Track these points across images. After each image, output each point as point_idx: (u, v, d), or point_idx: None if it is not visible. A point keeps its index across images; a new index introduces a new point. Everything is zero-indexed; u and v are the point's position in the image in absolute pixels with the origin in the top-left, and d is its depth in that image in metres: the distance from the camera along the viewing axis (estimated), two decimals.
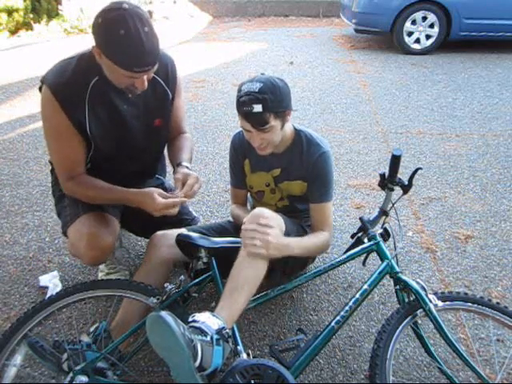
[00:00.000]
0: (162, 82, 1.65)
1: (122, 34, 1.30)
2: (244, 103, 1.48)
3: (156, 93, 1.65)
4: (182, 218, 1.96)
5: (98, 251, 1.60)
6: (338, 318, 1.41)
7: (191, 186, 1.52)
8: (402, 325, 1.39)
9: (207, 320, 1.19)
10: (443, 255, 2.17)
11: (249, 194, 1.95)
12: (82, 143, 1.58)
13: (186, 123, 1.87)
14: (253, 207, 1.95)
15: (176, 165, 1.65)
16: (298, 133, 1.72)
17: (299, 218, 1.81)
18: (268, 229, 1.37)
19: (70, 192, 1.63)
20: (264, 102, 1.46)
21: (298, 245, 1.52)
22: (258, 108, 1.46)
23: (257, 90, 1.47)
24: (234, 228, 1.85)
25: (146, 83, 1.45)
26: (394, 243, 1.63)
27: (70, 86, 1.48)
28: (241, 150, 1.80)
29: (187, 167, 1.62)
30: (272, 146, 1.62)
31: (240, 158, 1.82)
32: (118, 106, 1.57)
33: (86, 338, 1.44)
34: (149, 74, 1.45)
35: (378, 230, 1.68)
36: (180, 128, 1.82)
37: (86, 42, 6.82)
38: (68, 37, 7.36)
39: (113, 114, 1.58)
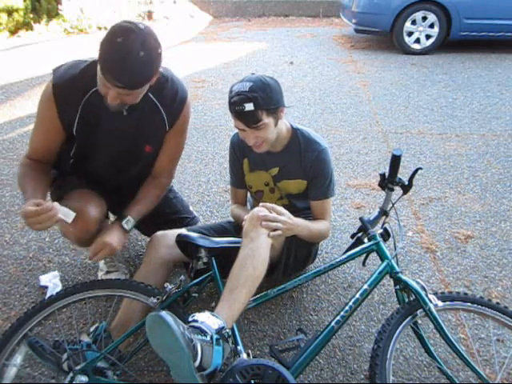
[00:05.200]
0: (161, 110, 1.61)
1: (118, 42, 1.31)
2: (235, 103, 1.51)
3: (153, 118, 1.62)
4: (182, 217, 1.96)
5: (83, 224, 1.57)
6: (337, 318, 1.41)
7: (96, 252, 1.51)
8: (402, 325, 1.39)
9: (207, 320, 1.19)
10: (443, 255, 2.17)
11: (249, 194, 1.96)
12: (60, 140, 1.61)
13: (175, 168, 1.80)
14: (252, 207, 1.95)
15: (122, 215, 1.61)
16: (294, 131, 1.73)
17: (298, 217, 1.81)
18: (280, 209, 1.51)
19: (20, 168, 1.62)
20: (255, 100, 1.48)
21: (306, 226, 1.64)
22: (249, 106, 1.48)
23: (247, 89, 1.49)
24: (234, 228, 1.85)
25: (116, 101, 1.42)
26: (394, 243, 1.63)
27: (69, 87, 1.50)
28: (240, 150, 1.81)
29: (126, 230, 1.59)
30: (267, 143, 1.63)
31: (239, 158, 1.83)
32: (109, 121, 1.57)
33: (86, 338, 1.44)
34: (122, 95, 1.40)
35: (378, 229, 1.68)
36: (164, 169, 1.74)
37: (86, 42, 6.82)
38: (68, 37, 7.36)
39: (102, 127, 1.58)
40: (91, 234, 1.65)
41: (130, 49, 1.31)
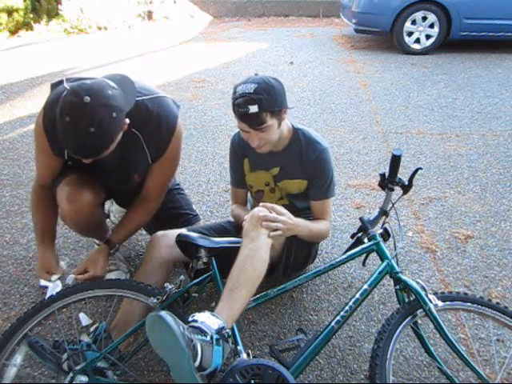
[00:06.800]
0: (144, 144, 1.60)
1: (67, 121, 1.30)
2: (240, 105, 1.50)
3: (136, 151, 1.62)
4: (183, 213, 1.98)
5: (77, 204, 1.60)
6: (337, 318, 1.41)
7: (82, 279, 1.58)
8: (402, 325, 1.39)
9: (207, 320, 1.19)
10: (443, 255, 2.17)
11: (249, 194, 1.96)
12: (59, 165, 1.66)
13: (163, 194, 1.79)
14: (253, 207, 1.95)
15: (107, 240, 1.68)
16: (295, 131, 1.73)
17: (299, 217, 1.81)
18: (280, 209, 1.51)
19: (32, 196, 1.72)
20: (259, 102, 1.47)
21: (306, 226, 1.64)
22: (253, 109, 1.48)
23: (252, 91, 1.48)
24: (234, 228, 1.85)
25: (89, 160, 1.44)
26: (394, 243, 1.63)
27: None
28: (240, 150, 1.81)
29: (109, 251, 1.67)
30: (270, 144, 1.63)
31: (240, 157, 1.83)
32: None
33: (86, 338, 1.44)
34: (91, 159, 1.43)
35: (378, 229, 1.68)
36: (151, 194, 1.74)
37: (86, 42, 6.82)
38: (68, 37, 7.35)
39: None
40: (86, 218, 1.67)
41: (78, 128, 1.29)
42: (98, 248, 1.71)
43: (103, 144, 1.36)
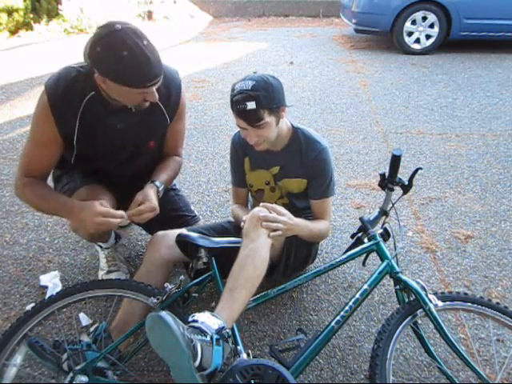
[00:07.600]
0: (160, 105, 1.63)
1: (126, 55, 1.30)
2: (238, 101, 1.50)
3: (153, 114, 1.64)
4: (182, 215, 1.97)
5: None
6: (337, 318, 1.41)
7: (141, 211, 1.53)
8: (402, 325, 1.39)
9: (207, 320, 1.19)
10: (443, 255, 2.17)
11: (249, 195, 1.96)
12: (59, 153, 1.61)
13: (182, 147, 1.88)
14: (253, 207, 1.95)
15: (150, 181, 1.67)
16: (295, 130, 1.73)
17: (299, 216, 1.81)
18: (281, 209, 1.51)
19: (20, 191, 1.60)
20: (257, 98, 1.48)
21: (306, 226, 1.64)
22: (251, 105, 1.48)
23: (249, 88, 1.49)
24: (234, 228, 1.85)
25: (156, 94, 1.45)
26: (394, 243, 1.64)
27: (65, 98, 1.49)
28: (241, 149, 1.81)
29: (157, 188, 1.63)
30: (268, 142, 1.63)
31: (240, 157, 1.83)
32: (111, 123, 1.57)
33: (86, 338, 1.44)
34: (157, 85, 1.45)
35: (378, 229, 1.68)
36: (173, 151, 1.83)
37: (85, 42, 6.81)
38: (68, 37, 7.36)
39: (104, 130, 1.58)
40: (101, 231, 1.67)
41: (139, 49, 1.32)
42: (146, 186, 1.63)
43: (158, 53, 1.39)
